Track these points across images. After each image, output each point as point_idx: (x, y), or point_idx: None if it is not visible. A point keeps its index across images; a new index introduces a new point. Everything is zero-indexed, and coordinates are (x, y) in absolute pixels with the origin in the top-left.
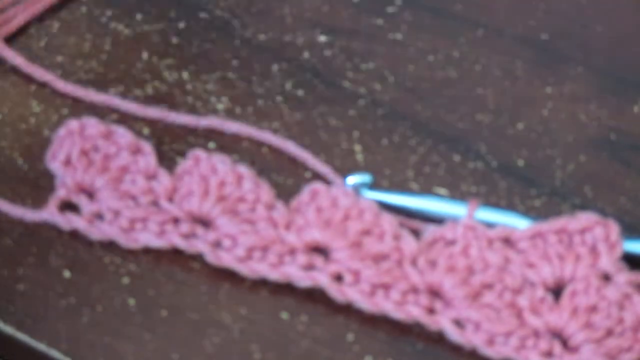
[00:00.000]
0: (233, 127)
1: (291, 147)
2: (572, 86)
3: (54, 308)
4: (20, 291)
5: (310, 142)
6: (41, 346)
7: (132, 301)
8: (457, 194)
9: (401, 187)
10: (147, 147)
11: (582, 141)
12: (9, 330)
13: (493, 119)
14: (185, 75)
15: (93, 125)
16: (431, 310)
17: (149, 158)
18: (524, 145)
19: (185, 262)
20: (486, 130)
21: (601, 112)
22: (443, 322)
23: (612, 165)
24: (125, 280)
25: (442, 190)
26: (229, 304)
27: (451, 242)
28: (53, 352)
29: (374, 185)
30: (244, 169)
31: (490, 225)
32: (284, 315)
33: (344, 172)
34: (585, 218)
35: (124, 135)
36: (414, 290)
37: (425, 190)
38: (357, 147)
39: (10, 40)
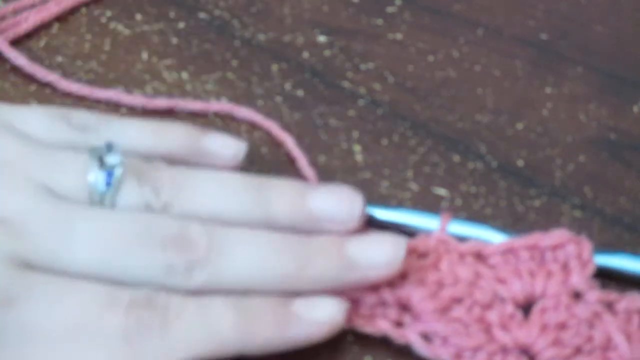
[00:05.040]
0: (242, 112)
1: (289, 143)
2: (572, 86)
3: None
4: None
5: (309, 142)
6: None
7: None
8: (456, 194)
9: (401, 187)
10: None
11: (582, 141)
12: None
13: (493, 119)
14: (184, 75)
15: None
16: (400, 324)
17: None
18: (524, 145)
19: None
20: (486, 131)
21: (601, 112)
22: (410, 336)
23: (612, 165)
24: None
25: (442, 191)
26: None
27: (422, 255)
28: None
29: (373, 186)
30: None
31: (463, 238)
32: None
33: (343, 172)
34: (557, 235)
35: None
36: (383, 303)
37: (425, 190)
38: (357, 147)
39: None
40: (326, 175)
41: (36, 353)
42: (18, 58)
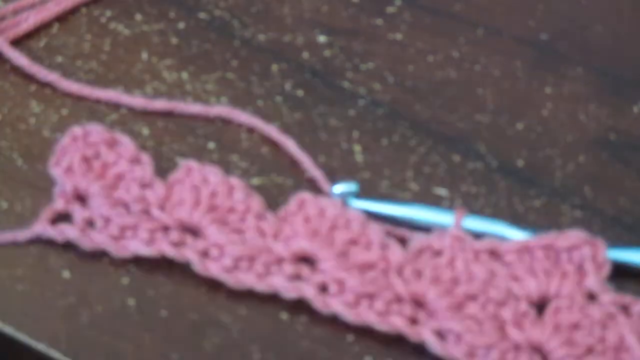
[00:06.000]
0: (242, 116)
1: (291, 146)
2: (572, 86)
3: (54, 308)
4: (20, 291)
5: (309, 142)
6: (41, 346)
7: (131, 301)
8: (456, 194)
9: (401, 187)
10: (146, 158)
11: (581, 141)
12: (9, 330)
13: (493, 119)
14: (184, 75)
15: (97, 132)
16: (414, 321)
17: (145, 167)
18: (524, 145)
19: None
20: (486, 131)
21: (601, 112)
22: (425, 334)
23: (611, 165)
24: (125, 280)
25: (442, 191)
26: (228, 304)
27: (438, 253)
28: (53, 352)
29: (373, 186)
30: (235, 180)
31: (478, 234)
32: (284, 316)
33: (343, 172)
34: (573, 236)
35: (126, 144)
36: (398, 299)
37: (425, 190)
38: (357, 147)
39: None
40: (326, 175)
41: None
42: (18, 58)
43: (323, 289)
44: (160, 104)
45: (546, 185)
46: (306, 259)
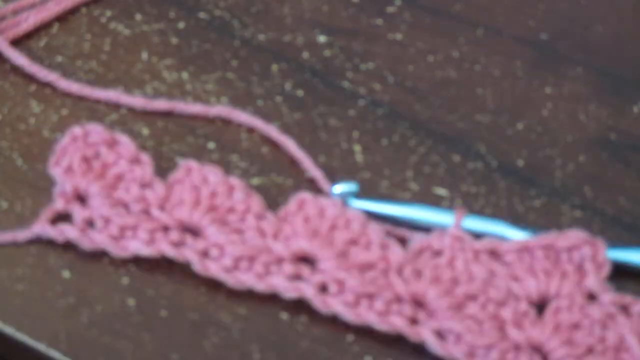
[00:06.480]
0: (242, 116)
1: (291, 146)
2: (572, 86)
3: (54, 308)
4: (20, 291)
5: (309, 142)
6: (41, 346)
7: (131, 301)
8: (456, 194)
9: (401, 188)
10: (146, 158)
11: (582, 141)
12: (9, 330)
13: (493, 119)
14: (184, 75)
15: (97, 132)
16: (414, 321)
17: (145, 167)
18: (524, 145)
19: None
20: (486, 131)
21: (601, 112)
22: (424, 334)
23: (611, 165)
24: (125, 280)
25: (442, 191)
26: (228, 304)
27: (438, 253)
28: (53, 352)
29: (373, 186)
30: (235, 180)
31: (478, 234)
32: (284, 316)
33: (343, 172)
34: (573, 236)
35: (126, 144)
36: (398, 299)
37: (425, 190)
38: (357, 147)
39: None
40: (326, 175)
41: None
42: (18, 58)
43: (323, 289)
44: (160, 104)
45: (546, 185)
46: (306, 259)
